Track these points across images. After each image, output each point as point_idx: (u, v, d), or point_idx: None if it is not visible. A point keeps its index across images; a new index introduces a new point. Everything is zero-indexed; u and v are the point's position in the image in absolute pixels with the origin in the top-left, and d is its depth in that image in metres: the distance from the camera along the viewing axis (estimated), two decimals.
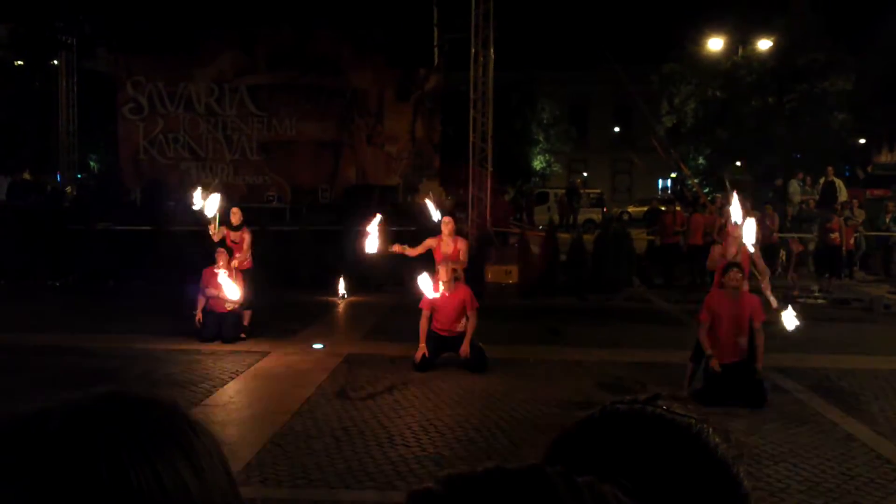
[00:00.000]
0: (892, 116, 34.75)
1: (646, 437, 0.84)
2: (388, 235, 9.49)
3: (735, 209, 8.40)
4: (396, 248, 10.10)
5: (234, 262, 11.08)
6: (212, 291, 10.69)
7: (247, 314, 11.17)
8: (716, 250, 9.17)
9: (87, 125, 23.62)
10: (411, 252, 10.18)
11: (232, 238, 11.40)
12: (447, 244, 10.15)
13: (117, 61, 22.31)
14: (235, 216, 11.58)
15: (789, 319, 8.16)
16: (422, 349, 9.37)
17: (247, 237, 11.50)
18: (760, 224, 18.07)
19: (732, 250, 8.69)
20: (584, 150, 46.97)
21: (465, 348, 9.38)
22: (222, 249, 10.91)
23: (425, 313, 9.51)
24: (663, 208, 25.83)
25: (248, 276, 11.24)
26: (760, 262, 9.03)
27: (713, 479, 0.83)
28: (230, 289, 10.42)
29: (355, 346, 10.80)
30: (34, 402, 0.75)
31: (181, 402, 0.81)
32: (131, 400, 0.77)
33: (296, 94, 21.58)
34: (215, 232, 11.03)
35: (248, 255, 11.46)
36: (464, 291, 9.61)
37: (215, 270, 10.70)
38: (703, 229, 17.21)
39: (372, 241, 9.24)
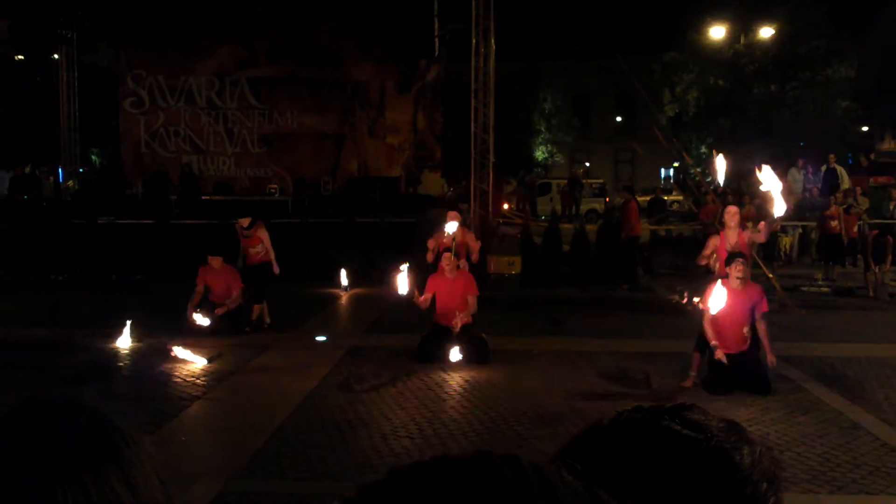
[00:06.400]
0: (895, 103, 34.61)
1: (652, 450, 0.83)
2: (415, 279, 9.45)
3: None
4: (417, 298, 9.50)
5: (254, 256, 11.19)
6: (213, 298, 10.68)
7: (256, 308, 11.18)
8: (712, 241, 8.92)
9: (88, 119, 23.61)
10: (431, 257, 10.19)
11: (244, 234, 11.39)
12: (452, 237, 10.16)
13: (118, 55, 22.31)
14: (246, 220, 11.50)
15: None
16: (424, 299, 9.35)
17: (264, 234, 11.38)
18: (761, 213, 18.08)
19: (732, 239, 8.60)
20: (586, 140, 46.88)
21: (456, 322, 9.29)
22: (218, 261, 10.80)
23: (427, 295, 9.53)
24: (666, 198, 25.78)
25: (263, 271, 11.26)
26: (761, 236, 8.91)
27: (722, 499, 0.81)
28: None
29: (358, 339, 10.79)
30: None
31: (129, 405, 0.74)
32: (54, 409, 0.72)
33: (297, 86, 21.56)
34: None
35: (269, 249, 11.37)
36: (465, 279, 9.59)
37: (213, 264, 10.71)
38: (710, 219, 17.14)
39: (403, 282, 9.12)
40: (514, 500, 0.59)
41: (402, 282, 9.01)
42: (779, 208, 7.72)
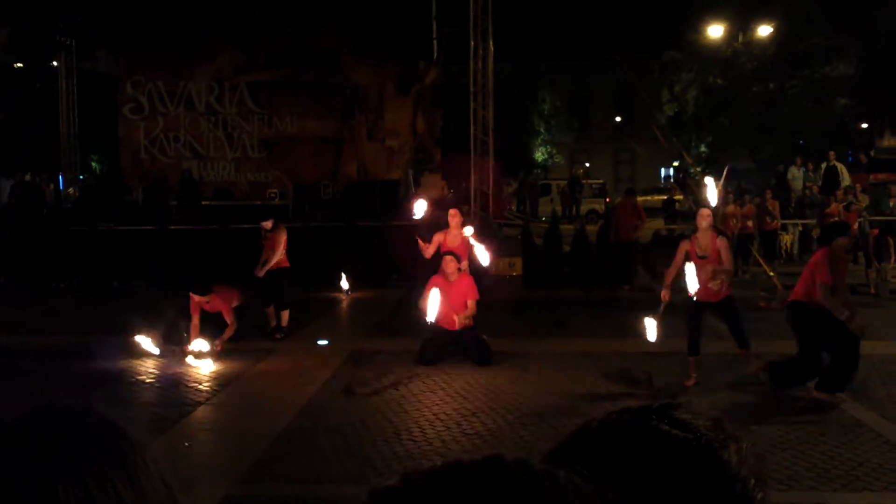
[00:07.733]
0: (895, 100, 34.61)
1: (642, 452, 0.83)
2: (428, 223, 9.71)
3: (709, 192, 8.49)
4: (421, 244, 9.99)
5: (270, 260, 11.14)
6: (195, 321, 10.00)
7: (284, 314, 11.09)
8: (683, 246, 8.46)
9: (88, 126, 23.62)
10: (427, 251, 10.11)
11: (267, 236, 11.39)
12: (454, 237, 10.17)
13: (117, 61, 22.31)
14: (269, 222, 11.52)
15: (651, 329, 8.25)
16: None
17: (281, 237, 11.32)
18: (761, 211, 18.09)
19: (703, 242, 8.24)
20: (585, 140, 46.89)
21: (460, 320, 9.41)
22: (203, 298, 10.07)
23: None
24: (678, 197, 25.64)
25: (281, 275, 11.20)
26: (727, 254, 8.43)
27: (712, 498, 0.82)
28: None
29: (360, 342, 10.79)
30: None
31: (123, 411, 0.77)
32: (59, 412, 0.74)
33: (296, 90, 21.55)
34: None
35: (283, 253, 11.32)
36: (466, 282, 9.60)
37: (199, 300, 10.00)
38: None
39: (420, 206, 9.58)
40: (527, 503, 0.60)
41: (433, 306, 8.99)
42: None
